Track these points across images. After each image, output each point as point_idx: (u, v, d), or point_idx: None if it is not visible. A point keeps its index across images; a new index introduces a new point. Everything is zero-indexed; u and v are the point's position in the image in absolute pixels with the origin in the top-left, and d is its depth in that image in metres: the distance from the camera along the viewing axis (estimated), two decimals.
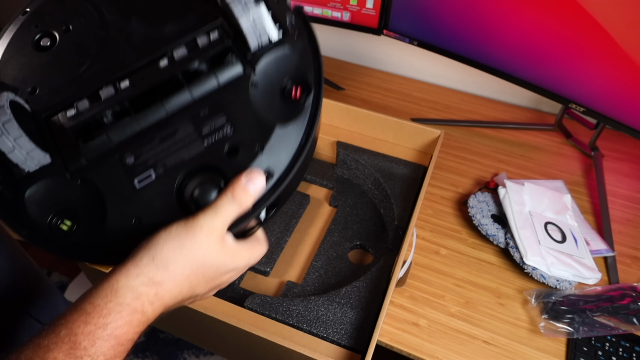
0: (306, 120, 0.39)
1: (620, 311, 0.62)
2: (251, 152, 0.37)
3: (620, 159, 0.90)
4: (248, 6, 0.37)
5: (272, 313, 0.56)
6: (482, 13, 0.77)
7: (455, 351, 0.60)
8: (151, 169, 0.37)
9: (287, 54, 0.40)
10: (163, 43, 0.40)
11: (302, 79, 0.40)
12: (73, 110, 0.38)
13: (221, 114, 0.38)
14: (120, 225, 0.36)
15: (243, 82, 0.39)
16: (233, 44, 0.40)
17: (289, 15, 0.41)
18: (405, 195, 0.70)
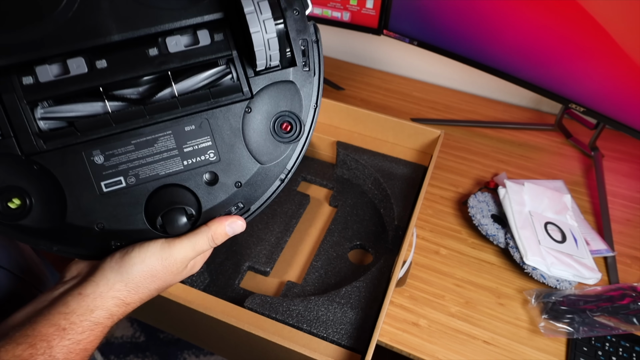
0: (288, 163, 0.38)
1: (620, 311, 0.62)
2: (230, 185, 0.36)
3: (620, 159, 0.90)
4: (266, 25, 0.32)
5: (272, 313, 0.56)
6: (482, 13, 0.77)
7: (455, 351, 0.60)
8: (122, 176, 0.34)
9: (292, 84, 0.37)
10: (155, 21, 0.33)
11: (297, 117, 0.37)
12: (30, 77, 0.32)
13: (207, 135, 0.35)
14: (82, 224, 0.34)
15: (238, 104, 0.35)
16: (237, 55, 0.35)
17: (304, 36, 0.36)
18: (405, 195, 0.70)
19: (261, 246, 0.67)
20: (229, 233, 0.37)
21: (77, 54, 0.32)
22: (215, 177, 0.36)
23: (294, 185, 0.77)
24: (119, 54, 0.33)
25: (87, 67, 0.32)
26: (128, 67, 0.33)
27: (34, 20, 0.32)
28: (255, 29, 0.32)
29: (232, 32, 0.35)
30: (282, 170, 0.38)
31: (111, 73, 0.33)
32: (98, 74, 0.33)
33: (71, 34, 0.32)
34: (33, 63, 0.32)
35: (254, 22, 0.32)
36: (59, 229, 0.34)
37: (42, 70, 0.32)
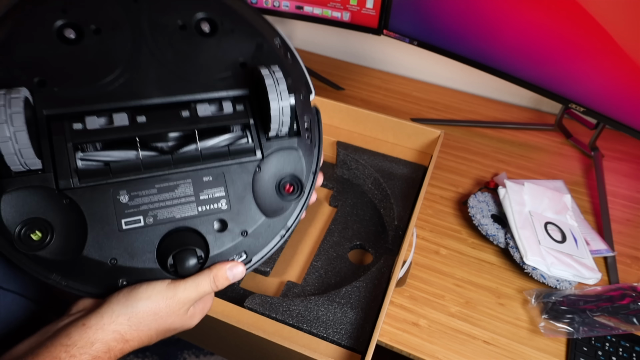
0: (289, 219, 0.42)
1: (620, 311, 0.62)
2: (236, 233, 0.40)
3: (620, 159, 0.90)
4: (282, 95, 0.38)
5: (272, 313, 0.56)
6: (482, 13, 0.77)
7: (455, 351, 0.60)
8: (141, 216, 0.37)
9: (296, 152, 0.42)
10: (189, 91, 0.40)
11: (299, 180, 0.43)
12: (80, 124, 0.36)
13: (221, 186, 0.40)
14: (96, 258, 0.36)
15: (251, 163, 0.41)
16: (253, 123, 0.41)
17: (308, 115, 0.43)
18: (405, 195, 0.70)
19: None
20: (230, 277, 0.39)
21: (123, 110, 0.38)
22: (224, 225, 0.40)
23: None
24: (157, 113, 0.39)
25: (128, 121, 0.37)
26: (163, 123, 0.39)
27: (92, 82, 0.38)
28: (274, 96, 0.38)
29: (251, 105, 0.41)
30: (283, 226, 0.42)
31: (148, 126, 0.38)
32: (137, 127, 0.38)
33: (120, 95, 0.38)
34: (85, 114, 0.37)
35: (273, 92, 0.38)
36: (73, 262, 0.36)
37: (91, 120, 0.37)
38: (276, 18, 1.18)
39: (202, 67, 0.41)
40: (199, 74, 0.41)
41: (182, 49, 0.41)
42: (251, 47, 0.43)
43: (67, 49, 0.38)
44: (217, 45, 0.43)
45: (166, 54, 0.41)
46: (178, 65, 0.41)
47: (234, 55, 0.43)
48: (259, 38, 0.44)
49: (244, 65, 0.43)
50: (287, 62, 0.44)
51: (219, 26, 0.43)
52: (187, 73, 0.41)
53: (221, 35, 0.43)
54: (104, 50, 0.39)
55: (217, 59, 0.42)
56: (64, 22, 0.39)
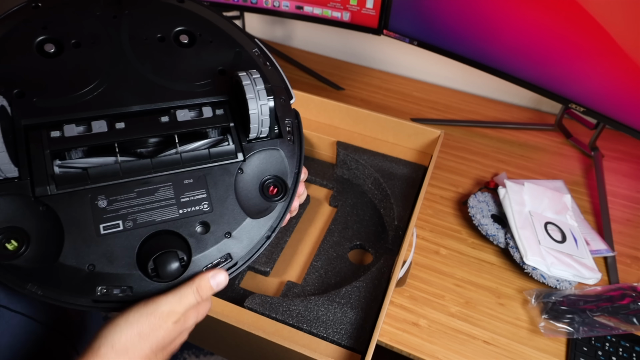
0: (273, 219, 0.42)
1: (620, 311, 0.62)
2: (220, 235, 0.39)
3: (620, 159, 0.90)
4: (260, 97, 0.39)
5: (272, 313, 0.56)
6: (482, 13, 0.77)
7: (455, 351, 0.60)
8: (120, 220, 0.36)
9: (278, 153, 0.42)
10: (169, 98, 0.40)
11: (283, 181, 0.42)
12: (58, 132, 0.36)
13: (203, 188, 0.39)
14: (73, 265, 0.35)
15: (232, 165, 0.40)
16: (234, 126, 0.41)
17: (289, 118, 0.43)
18: (405, 195, 0.70)
19: None
20: (214, 286, 0.38)
21: (101, 118, 0.38)
22: (207, 226, 0.39)
23: None
24: (136, 119, 0.39)
25: (107, 127, 0.37)
26: (142, 128, 0.38)
27: (70, 92, 0.38)
28: (251, 95, 0.38)
29: (231, 110, 0.42)
30: (268, 227, 0.41)
31: (127, 132, 0.38)
32: (116, 133, 0.38)
33: (99, 104, 0.38)
34: (63, 123, 0.37)
35: (250, 91, 0.38)
36: (49, 270, 0.35)
37: (69, 128, 0.37)
38: (276, 18, 1.18)
39: (181, 76, 0.42)
40: (178, 82, 0.41)
41: (160, 59, 0.42)
42: (229, 55, 0.44)
43: (47, 62, 0.39)
44: (196, 55, 0.43)
45: (145, 64, 0.41)
46: (157, 74, 0.41)
47: (212, 63, 0.43)
48: (237, 47, 0.45)
49: (223, 72, 0.43)
50: (266, 68, 0.45)
51: (197, 37, 0.44)
52: (166, 82, 0.41)
53: (200, 46, 0.44)
54: (83, 63, 0.40)
55: (196, 68, 0.43)
56: (44, 37, 0.39)
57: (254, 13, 0.98)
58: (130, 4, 0.43)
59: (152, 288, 0.37)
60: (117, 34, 0.42)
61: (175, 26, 0.44)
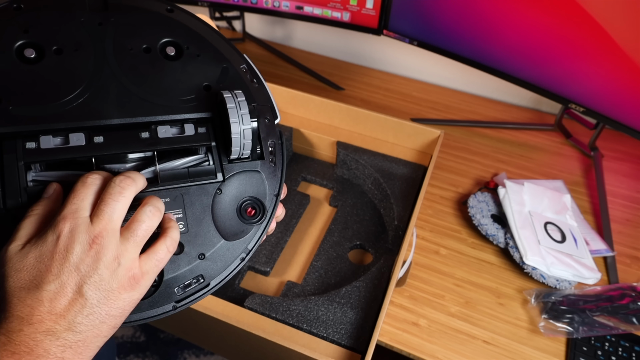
0: (249, 242, 0.41)
1: (619, 311, 0.62)
2: (193, 256, 0.38)
3: (620, 159, 0.90)
4: (243, 118, 0.39)
5: (272, 313, 0.56)
6: (482, 13, 0.77)
7: (455, 351, 0.60)
8: None
9: (259, 175, 0.42)
10: (151, 112, 0.39)
11: (261, 203, 0.42)
12: (33, 143, 0.35)
13: (180, 208, 0.38)
14: None
15: (211, 185, 0.40)
16: (215, 145, 0.41)
17: (272, 139, 0.43)
18: (405, 195, 0.70)
19: (261, 246, 0.67)
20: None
21: (80, 130, 0.37)
22: (181, 247, 0.38)
23: (294, 185, 0.77)
24: (115, 133, 0.38)
25: (85, 141, 0.36)
26: (121, 144, 0.37)
27: (49, 101, 0.37)
28: (234, 119, 0.38)
29: (213, 128, 0.41)
30: (243, 249, 0.41)
31: (105, 147, 0.37)
32: (94, 147, 0.37)
33: (78, 115, 0.37)
34: (40, 133, 0.36)
35: (234, 115, 0.38)
36: None
37: (45, 139, 0.36)
38: (276, 18, 1.18)
39: (165, 90, 0.41)
40: (162, 96, 0.40)
41: (145, 71, 0.41)
42: (216, 71, 0.43)
43: (26, 68, 0.37)
44: (182, 69, 0.42)
45: (128, 76, 0.40)
46: (140, 86, 0.40)
47: (198, 78, 0.42)
48: (224, 63, 0.44)
49: (209, 88, 0.42)
50: (253, 86, 0.44)
51: (184, 50, 0.43)
52: (149, 95, 0.40)
53: (186, 59, 0.43)
54: (64, 71, 0.38)
55: (180, 82, 0.42)
56: (24, 42, 0.38)
57: (254, 13, 0.98)
58: (117, 11, 0.42)
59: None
60: (101, 43, 0.41)
61: (162, 37, 0.43)
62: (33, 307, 0.28)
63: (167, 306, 0.37)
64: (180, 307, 0.38)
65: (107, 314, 0.30)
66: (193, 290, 0.38)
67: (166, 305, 0.37)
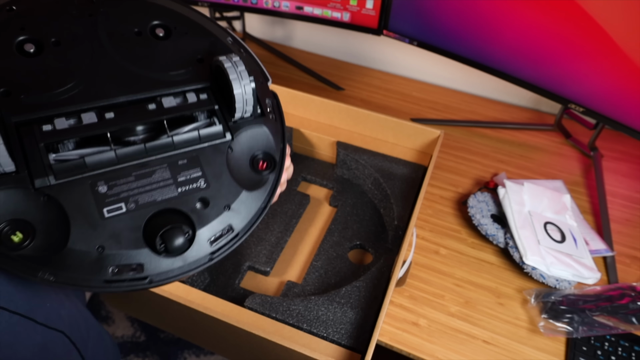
0: (267, 191, 0.44)
1: (619, 311, 0.62)
2: (220, 207, 0.40)
3: (620, 159, 0.90)
4: (242, 77, 0.41)
5: (272, 313, 0.56)
6: (481, 13, 0.77)
7: (455, 351, 0.61)
8: (122, 202, 0.38)
9: (263, 130, 0.45)
10: (152, 88, 0.42)
11: (270, 155, 0.45)
12: (49, 126, 0.37)
13: (198, 167, 0.41)
14: (82, 248, 0.36)
15: (222, 144, 0.43)
16: (218, 108, 0.44)
17: (268, 98, 0.47)
18: (405, 195, 0.70)
19: (261, 246, 0.67)
20: None
21: (90, 110, 0.39)
22: (206, 202, 0.40)
23: (294, 185, 0.77)
24: (124, 109, 0.40)
25: (97, 118, 0.39)
26: (132, 116, 0.40)
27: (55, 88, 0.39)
28: (234, 76, 0.41)
29: (214, 94, 0.44)
30: (263, 199, 0.44)
31: (117, 121, 0.39)
32: (106, 123, 0.39)
33: (85, 97, 0.40)
34: (54, 117, 0.38)
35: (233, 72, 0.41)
36: (59, 256, 0.36)
37: (60, 121, 0.38)
38: (276, 18, 1.18)
39: (161, 66, 0.44)
40: (159, 72, 0.43)
41: (140, 52, 0.44)
42: (205, 44, 0.47)
43: (28, 61, 0.39)
44: (173, 46, 0.45)
45: (125, 58, 0.43)
46: (138, 66, 0.43)
47: (190, 53, 0.45)
48: (211, 37, 0.47)
49: (201, 61, 0.45)
50: (241, 55, 0.47)
51: (172, 30, 0.46)
52: (147, 72, 0.43)
53: (176, 38, 0.46)
54: (65, 59, 0.41)
55: (175, 58, 0.45)
56: (23, 38, 0.40)
57: (254, 13, 0.98)
58: (104, 3, 0.45)
59: (161, 264, 0.38)
60: (95, 31, 0.43)
61: (150, 20, 0.46)
62: None
63: (204, 258, 0.39)
64: (216, 257, 0.40)
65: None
66: (225, 241, 0.41)
67: (202, 258, 0.39)
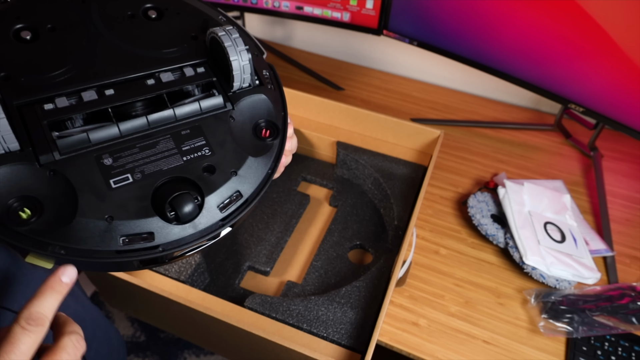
0: (272, 157, 0.44)
1: (619, 311, 0.62)
2: (226, 173, 0.40)
3: (620, 159, 0.90)
4: (240, 52, 0.42)
5: (272, 313, 0.56)
6: (481, 13, 0.77)
7: (455, 351, 0.61)
8: (129, 174, 0.38)
9: (263, 99, 0.45)
10: (149, 66, 0.43)
11: (272, 122, 0.45)
12: (51, 104, 0.38)
13: (201, 136, 0.41)
14: (91, 219, 0.36)
15: (223, 113, 0.43)
16: (217, 80, 0.44)
17: (265, 70, 0.48)
18: (405, 195, 0.70)
19: (261, 246, 0.67)
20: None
21: (90, 89, 0.40)
22: (212, 168, 0.40)
23: (294, 185, 0.77)
24: (123, 85, 0.41)
25: (97, 95, 0.39)
26: (131, 92, 0.41)
27: (54, 70, 0.40)
28: (229, 43, 0.41)
29: (211, 67, 0.45)
30: (269, 165, 0.44)
31: (117, 97, 0.40)
32: (107, 99, 0.40)
33: (84, 77, 0.40)
34: (54, 97, 0.39)
35: (227, 40, 0.42)
36: (68, 228, 0.36)
37: (61, 100, 0.38)
38: (276, 18, 1.18)
39: (156, 45, 0.44)
40: (155, 51, 0.44)
41: (135, 33, 0.45)
42: (198, 22, 0.47)
43: (26, 47, 0.40)
44: (167, 26, 0.46)
45: (121, 39, 0.44)
46: (134, 46, 0.44)
47: (184, 31, 0.46)
48: (204, 15, 0.48)
49: (195, 38, 0.46)
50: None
51: (164, 12, 0.47)
52: (143, 52, 0.44)
53: (169, 18, 0.47)
54: (61, 43, 0.42)
55: (169, 37, 0.45)
56: (19, 26, 0.41)
57: (254, 13, 0.98)
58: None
59: (172, 232, 0.38)
60: (89, 16, 0.44)
61: (142, 3, 0.47)
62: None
63: (215, 225, 0.39)
64: (226, 223, 0.39)
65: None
66: (234, 207, 0.40)
67: (213, 225, 0.39)
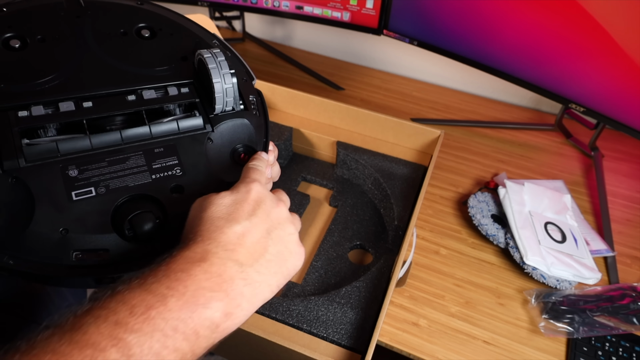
0: None
1: (620, 311, 0.62)
2: (195, 196, 0.38)
3: (620, 159, 0.90)
4: (224, 75, 0.41)
5: (272, 313, 0.56)
6: (482, 13, 0.77)
7: (455, 351, 0.60)
8: (93, 187, 0.37)
9: (245, 123, 0.44)
10: (134, 83, 0.42)
11: (251, 147, 0.44)
12: (26, 112, 0.37)
13: (174, 155, 0.40)
14: (45, 231, 0.34)
15: (201, 135, 0.42)
16: (200, 102, 0.44)
17: (252, 95, 0.46)
18: (405, 195, 0.70)
19: None
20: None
21: (69, 100, 0.39)
22: (180, 189, 0.39)
23: (294, 185, 0.77)
24: (103, 99, 0.41)
25: (75, 107, 0.39)
26: (110, 106, 0.40)
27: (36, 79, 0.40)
28: (213, 66, 0.41)
29: (196, 89, 0.44)
30: None
31: (95, 110, 0.39)
32: (84, 111, 0.39)
33: (66, 88, 0.40)
34: (31, 105, 0.38)
35: (215, 74, 0.41)
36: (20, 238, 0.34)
37: (37, 108, 0.38)
38: (276, 18, 1.18)
39: (145, 63, 0.44)
40: (142, 68, 0.44)
41: (124, 49, 0.44)
42: (190, 45, 0.47)
43: (12, 55, 0.40)
44: (158, 46, 0.46)
45: (109, 54, 0.44)
46: (122, 62, 0.43)
47: (174, 51, 0.46)
48: (196, 38, 0.48)
49: (185, 59, 0.46)
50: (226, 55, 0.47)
51: (157, 32, 0.47)
52: (130, 68, 0.43)
53: (161, 38, 0.47)
54: (49, 54, 0.41)
55: (159, 56, 0.45)
56: (9, 35, 0.41)
57: (254, 13, 0.98)
58: (92, 6, 0.46)
59: (129, 249, 0.36)
60: (80, 30, 0.44)
61: (136, 22, 0.47)
62: (229, 235, 0.31)
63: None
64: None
65: (278, 270, 0.33)
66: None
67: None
